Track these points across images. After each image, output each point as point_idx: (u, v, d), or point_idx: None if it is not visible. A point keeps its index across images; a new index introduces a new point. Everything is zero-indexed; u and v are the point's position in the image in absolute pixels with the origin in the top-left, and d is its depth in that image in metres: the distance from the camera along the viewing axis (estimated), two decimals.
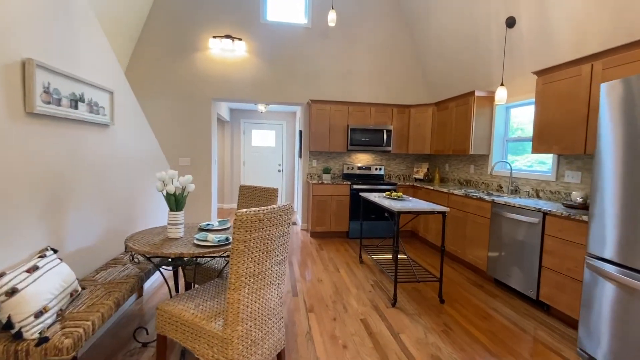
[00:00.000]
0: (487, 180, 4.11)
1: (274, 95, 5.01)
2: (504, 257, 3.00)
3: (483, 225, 3.30)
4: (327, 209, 4.71)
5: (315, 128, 4.85)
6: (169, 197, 1.88)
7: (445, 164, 5.07)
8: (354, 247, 4.36)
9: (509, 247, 2.94)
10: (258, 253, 1.47)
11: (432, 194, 4.32)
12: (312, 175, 5.21)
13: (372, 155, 5.37)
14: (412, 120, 5.04)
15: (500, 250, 3.05)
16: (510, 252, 2.93)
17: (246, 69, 4.91)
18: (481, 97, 3.96)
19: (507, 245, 2.96)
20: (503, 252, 3.02)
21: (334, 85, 5.15)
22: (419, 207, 2.66)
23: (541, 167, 3.45)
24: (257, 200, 2.63)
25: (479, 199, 3.36)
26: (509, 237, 2.94)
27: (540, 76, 2.97)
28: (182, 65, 4.78)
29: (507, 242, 2.97)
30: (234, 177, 7.13)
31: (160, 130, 4.82)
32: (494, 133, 4.00)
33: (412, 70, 5.32)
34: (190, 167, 4.93)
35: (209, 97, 4.89)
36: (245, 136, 7.12)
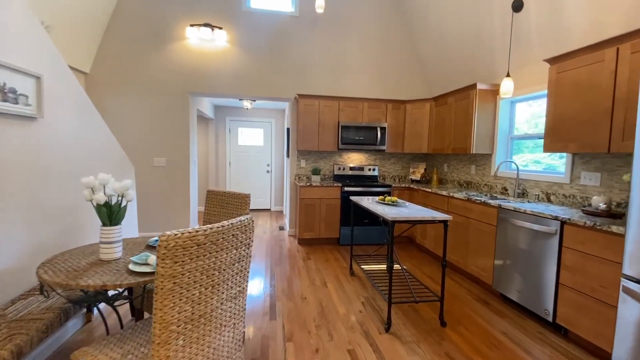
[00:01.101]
0: (490, 181, 3.74)
1: (258, 90, 4.60)
2: (513, 270, 2.63)
3: (488, 233, 2.92)
4: (316, 214, 4.31)
5: (303, 125, 4.45)
6: (100, 208, 1.47)
7: (444, 164, 4.70)
8: (345, 255, 3.97)
9: (519, 259, 2.57)
10: (199, 289, 1.07)
11: (430, 197, 3.95)
12: (300, 176, 4.81)
13: (365, 154, 4.99)
14: (408, 116, 4.66)
15: (508, 263, 2.68)
16: (520, 265, 2.56)
17: (227, 61, 4.50)
18: (484, 91, 3.59)
19: (517, 257, 2.59)
20: (512, 264, 2.64)
21: (324, 79, 4.75)
22: (416, 215, 2.27)
23: (537, 167, 3.09)
24: (225, 208, 2.22)
25: (483, 203, 2.98)
26: (519, 248, 2.57)
27: (554, 64, 2.60)
28: (156, 56, 4.35)
29: (516, 254, 2.60)
30: (219, 179, 6.71)
31: (132, 128, 4.38)
32: (498, 130, 3.63)
33: (408, 62, 4.94)
34: (166, 167, 4.51)
35: (185, 91, 4.47)
36: (230, 135, 6.69)
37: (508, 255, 2.69)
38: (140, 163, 4.42)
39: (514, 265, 2.62)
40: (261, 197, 6.91)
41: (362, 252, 4.11)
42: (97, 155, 2.48)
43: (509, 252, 2.68)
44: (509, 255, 2.68)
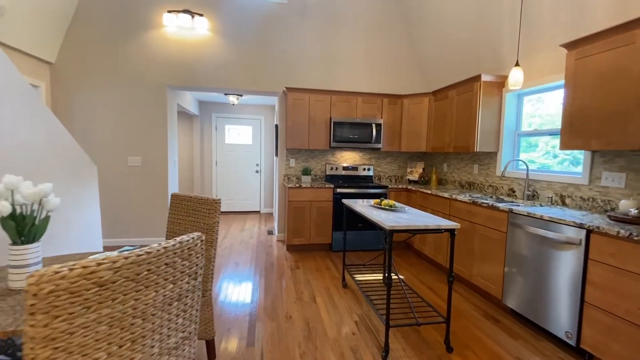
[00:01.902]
0: (496, 182, 3.43)
1: (243, 83, 4.24)
2: (527, 284, 2.31)
3: (497, 241, 2.60)
4: (306, 218, 3.96)
5: (293, 121, 4.10)
6: (5, 222, 1.10)
7: (444, 163, 4.38)
8: (338, 263, 3.63)
9: (535, 271, 2.25)
10: (106, 350, 0.71)
11: (430, 199, 3.62)
12: (289, 177, 4.45)
13: (359, 153, 4.65)
14: (405, 112, 4.34)
15: (521, 275, 2.36)
16: (536, 278, 2.24)
17: (209, 51, 4.12)
18: (488, 83, 3.28)
19: (532, 269, 2.27)
20: (525, 277, 2.32)
21: (314, 72, 4.40)
22: (418, 223, 1.94)
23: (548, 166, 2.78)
24: (192, 216, 1.86)
25: (490, 207, 2.66)
26: (534, 259, 2.25)
27: (573, 49, 2.29)
28: (130, 45, 3.96)
29: (531, 265, 2.28)
30: (204, 180, 6.32)
31: (104, 124, 3.98)
32: (504, 126, 3.32)
33: (405, 54, 4.61)
34: (142, 168, 4.12)
35: (163, 84, 4.08)
36: (217, 132, 6.31)
37: (521, 266, 2.37)
38: (112, 163, 4.03)
39: (528, 279, 2.30)
40: (250, 198, 6.54)
41: (357, 260, 3.77)
42: (41, 154, 2.09)
43: (521, 262, 2.36)
44: (521, 267, 2.36)
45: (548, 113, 3.01)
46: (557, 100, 2.88)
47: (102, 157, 4.00)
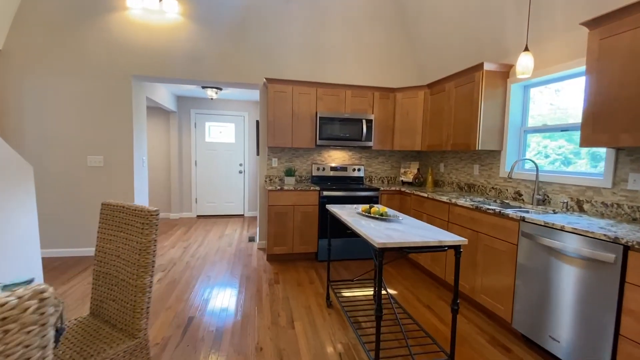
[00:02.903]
0: (499, 184, 3.07)
1: (219, 73, 3.80)
2: (544, 308, 1.93)
3: (505, 254, 2.23)
4: (289, 224, 3.55)
5: (274, 116, 3.68)
6: None
7: (440, 163, 4.01)
8: (324, 275, 3.23)
9: (554, 293, 1.88)
10: None
11: (426, 203, 3.25)
12: (271, 178, 4.04)
13: (348, 152, 4.26)
14: (399, 107, 3.96)
15: (536, 296, 1.99)
16: (555, 302, 1.87)
17: (180, 38, 3.68)
18: (491, 73, 2.91)
19: (550, 290, 1.90)
20: (542, 299, 1.95)
21: (298, 61, 3.99)
22: (415, 237, 1.55)
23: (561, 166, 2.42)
24: (124, 231, 1.44)
25: (498, 214, 2.29)
26: (554, 278, 1.88)
27: (596, 28, 1.92)
28: (89, 29, 3.50)
29: (549, 285, 1.91)
30: (183, 181, 5.85)
31: (59, 119, 3.51)
32: (508, 122, 2.96)
33: (398, 43, 4.23)
34: (104, 168, 3.65)
35: (128, 74, 3.63)
36: (197, 130, 5.85)
37: (535, 285, 2.00)
38: (69, 162, 3.56)
39: (545, 301, 1.93)
40: (233, 201, 6.10)
41: (345, 271, 3.37)
42: None
43: (536, 281, 1.99)
44: (536, 286, 1.99)
45: (559, 107, 2.65)
46: (570, 91, 2.52)
47: (57, 156, 3.53)
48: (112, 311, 1.45)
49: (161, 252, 3.89)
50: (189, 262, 3.52)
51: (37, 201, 3.53)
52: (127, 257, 1.41)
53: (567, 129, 2.53)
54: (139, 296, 1.36)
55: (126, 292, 1.40)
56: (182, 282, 2.98)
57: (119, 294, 1.43)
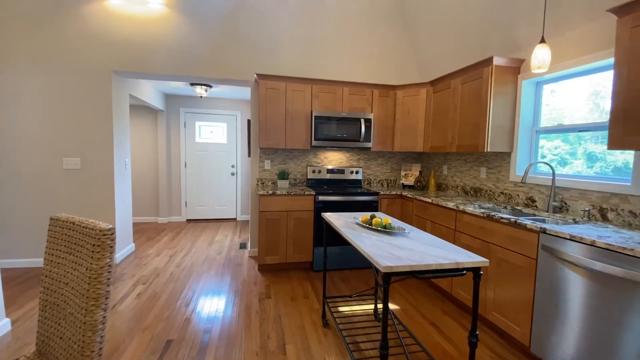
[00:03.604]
0: (509, 189, 2.84)
1: (206, 69, 3.54)
2: (570, 333, 1.70)
3: (522, 269, 1.99)
4: (282, 231, 3.29)
5: (266, 115, 3.42)
6: None
7: (443, 165, 3.78)
8: (319, 287, 2.98)
9: (585, 318, 1.64)
10: None
11: (430, 210, 3.01)
12: (264, 181, 3.78)
13: (346, 153, 4.01)
14: (399, 105, 3.72)
15: (560, 319, 1.75)
16: (583, 326, 1.63)
17: (164, 31, 3.41)
18: (501, 68, 2.68)
19: (579, 313, 1.66)
20: (568, 324, 1.72)
21: (292, 56, 3.74)
22: (427, 258, 1.30)
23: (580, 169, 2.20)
24: (73, 253, 1.18)
25: (513, 224, 2.05)
26: (583, 300, 1.65)
27: (627, 15, 1.69)
28: (64, 21, 3.21)
29: (576, 307, 1.67)
30: (172, 183, 5.57)
31: (31, 117, 3.23)
32: (519, 121, 2.73)
33: (398, 37, 3.99)
34: (82, 171, 3.37)
35: (107, 70, 3.35)
36: (187, 130, 5.57)
37: (559, 306, 1.76)
38: (43, 165, 3.28)
39: (571, 325, 1.69)
40: (225, 204, 5.82)
41: (342, 282, 3.12)
42: None
43: (560, 302, 1.75)
44: (560, 308, 1.75)
45: (555, 107, 2.42)
46: (565, 91, 2.29)
47: (29, 157, 3.24)
48: (60, 351, 1.18)
49: (145, 260, 3.61)
50: (173, 273, 3.25)
51: (7, 207, 3.24)
52: (76, 286, 1.15)
53: (587, 129, 2.30)
54: (89, 335, 1.09)
55: (74, 329, 1.14)
56: (163, 297, 2.71)
57: (66, 331, 1.17)
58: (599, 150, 2.27)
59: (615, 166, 2.17)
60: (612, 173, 2.18)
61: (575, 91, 2.42)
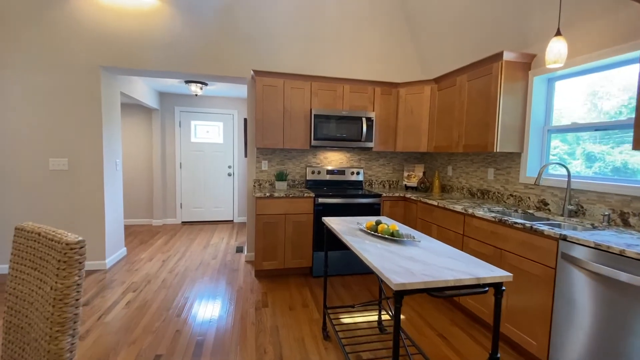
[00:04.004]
0: (519, 191, 2.70)
1: (200, 65, 3.38)
2: (595, 351, 1.55)
3: (540, 279, 1.85)
4: (280, 236, 3.14)
5: (264, 114, 3.27)
6: None
7: (448, 166, 3.64)
8: (320, 295, 2.83)
9: (611, 335, 1.50)
10: None
11: (435, 213, 2.86)
12: (261, 182, 3.62)
13: (346, 154, 3.86)
14: (402, 104, 3.57)
15: (582, 335, 1.61)
16: (612, 345, 1.49)
17: (156, 24, 3.25)
18: (511, 64, 2.54)
19: (604, 329, 1.52)
20: (593, 341, 1.57)
21: (291, 52, 3.58)
22: (443, 271, 1.16)
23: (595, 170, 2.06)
24: (39, 269, 1.02)
25: (529, 230, 1.91)
26: (611, 316, 1.50)
27: None
28: (50, 15, 3.05)
29: (602, 323, 1.53)
30: (167, 184, 5.40)
31: (15, 116, 3.06)
32: (530, 120, 2.59)
33: (401, 32, 3.85)
34: (69, 172, 3.21)
35: (95, 65, 3.19)
36: (182, 129, 5.40)
37: (581, 320, 1.62)
38: (27, 166, 3.11)
39: (596, 341, 1.55)
40: (221, 206, 5.66)
41: (343, 289, 2.97)
42: None
43: (582, 315, 1.61)
44: (582, 322, 1.61)
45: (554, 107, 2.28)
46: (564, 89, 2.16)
47: (13, 158, 3.08)
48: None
49: (137, 266, 3.45)
50: (165, 280, 3.09)
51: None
52: (40, 308, 0.99)
53: (605, 128, 2.16)
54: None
55: (38, 357, 0.98)
56: (154, 306, 2.55)
57: (30, 358, 1.01)
58: (598, 150, 2.22)
59: (614, 166, 2.12)
60: (610, 173, 2.13)
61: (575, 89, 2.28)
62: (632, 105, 2.02)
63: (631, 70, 2.01)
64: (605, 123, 2.14)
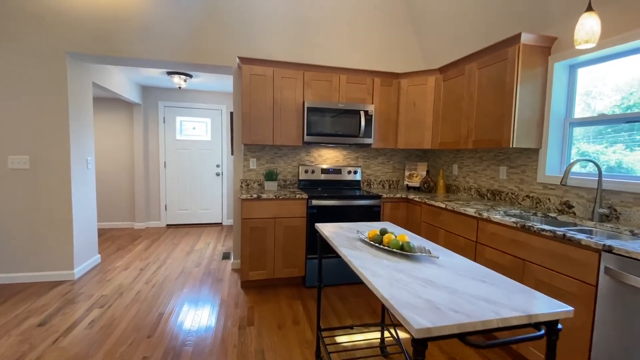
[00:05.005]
0: (536, 192, 2.40)
1: (182, 53, 3.04)
2: None
3: (576, 298, 1.55)
4: (269, 242, 2.81)
5: (251, 106, 2.94)
6: None
7: (453, 164, 3.34)
8: (313, 310, 2.51)
9: None
10: None
11: (443, 216, 2.56)
12: (249, 183, 3.29)
13: (343, 151, 3.55)
14: (404, 96, 3.27)
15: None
16: None
17: (130, 5, 2.90)
18: (530, 48, 2.24)
19: None
20: None
21: (282, 38, 3.26)
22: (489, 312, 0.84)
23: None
24: None
25: (561, 238, 1.60)
26: None
27: None
28: None
29: None
30: (150, 185, 5.04)
31: None
32: (550, 111, 2.30)
33: (403, 17, 3.54)
34: (30, 171, 2.85)
35: (60, 52, 2.83)
36: (166, 125, 5.04)
37: (630, 349, 1.32)
38: None
39: None
40: (209, 207, 5.31)
41: (339, 301, 2.65)
42: None
43: (635, 346, 1.31)
44: (632, 351, 1.31)
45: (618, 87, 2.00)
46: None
47: None
48: None
49: (110, 275, 3.09)
50: (140, 292, 2.74)
51: None
52: None
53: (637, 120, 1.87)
54: None
55: None
56: (121, 326, 2.21)
57: None
58: (592, 150, 2.14)
59: (608, 166, 2.04)
60: (605, 172, 2.04)
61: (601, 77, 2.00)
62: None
63: None
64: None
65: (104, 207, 4.96)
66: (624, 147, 1.97)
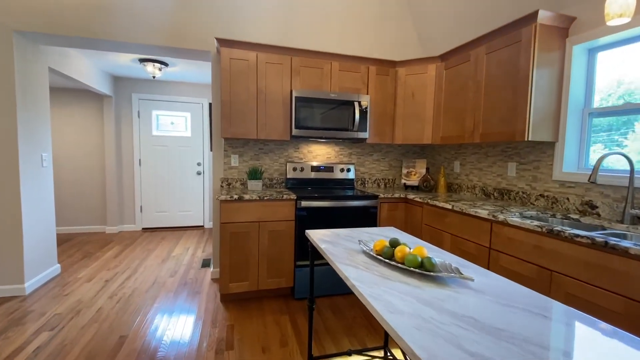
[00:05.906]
0: (552, 190, 2.16)
1: (152, 34, 2.66)
2: None
3: (622, 318, 1.28)
4: (252, 249, 2.48)
5: (231, 96, 2.59)
6: None
7: (454, 160, 3.08)
8: (304, 326, 2.19)
9: None
10: None
11: (449, 218, 2.28)
12: (230, 182, 2.94)
13: (335, 147, 3.24)
14: (401, 87, 2.98)
15: None
16: None
17: None
18: (546, 28, 1.99)
19: None
20: None
21: (266, 19, 2.92)
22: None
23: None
24: None
25: (602, 246, 1.34)
26: None
27: None
28: None
29: None
30: (123, 184, 4.60)
31: None
32: (568, 101, 2.05)
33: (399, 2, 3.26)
34: None
35: (7, 29, 2.41)
36: (141, 120, 4.62)
37: None
38: None
39: None
40: (190, 209, 4.91)
41: (333, 316, 2.34)
42: None
43: None
44: None
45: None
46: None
47: None
48: None
49: (69, 289, 2.70)
50: (101, 310, 2.36)
51: None
52: None
53: None
54: None
55: None
56: (74, 353, 1.84)
57: None
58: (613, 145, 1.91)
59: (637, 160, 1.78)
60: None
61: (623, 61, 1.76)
62: None
63: None
64: None
65: (70, 210, 4.50)
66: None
